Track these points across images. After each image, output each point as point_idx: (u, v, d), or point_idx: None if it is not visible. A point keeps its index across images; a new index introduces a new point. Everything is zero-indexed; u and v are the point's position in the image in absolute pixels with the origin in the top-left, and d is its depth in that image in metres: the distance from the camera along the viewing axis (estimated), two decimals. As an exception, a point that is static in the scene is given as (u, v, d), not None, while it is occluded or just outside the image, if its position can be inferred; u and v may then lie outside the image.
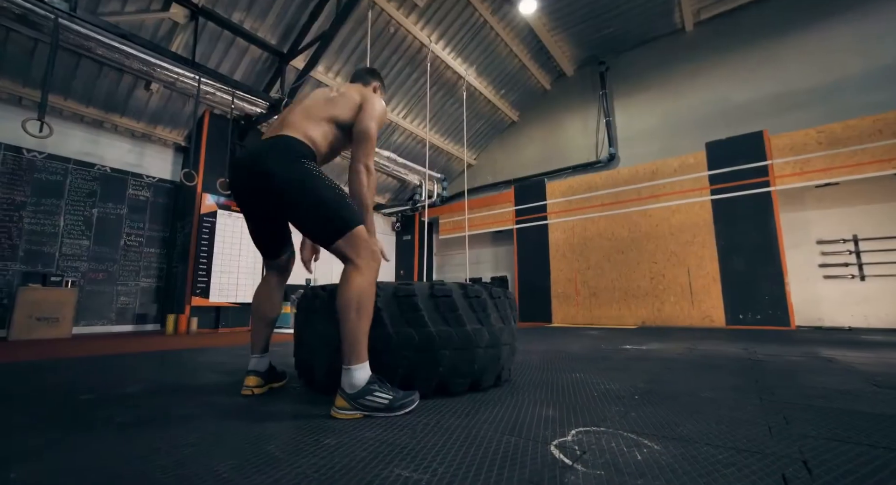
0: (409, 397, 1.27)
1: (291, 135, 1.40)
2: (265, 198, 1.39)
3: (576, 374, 1.95)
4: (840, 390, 1.53)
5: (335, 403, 1.22)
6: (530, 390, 1.59)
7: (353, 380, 1.21)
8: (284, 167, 1.32)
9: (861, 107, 5.91)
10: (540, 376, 1.92)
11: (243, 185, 1.44)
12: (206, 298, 5.90)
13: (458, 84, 8.23)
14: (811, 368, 2.11)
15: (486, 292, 1.60)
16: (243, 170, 1.42)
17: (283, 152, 1.35)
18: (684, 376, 1.90)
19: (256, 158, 1.37)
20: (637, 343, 3.61)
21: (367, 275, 1.30)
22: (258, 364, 1.58)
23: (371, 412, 1.21)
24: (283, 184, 1.31)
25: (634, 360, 2.50)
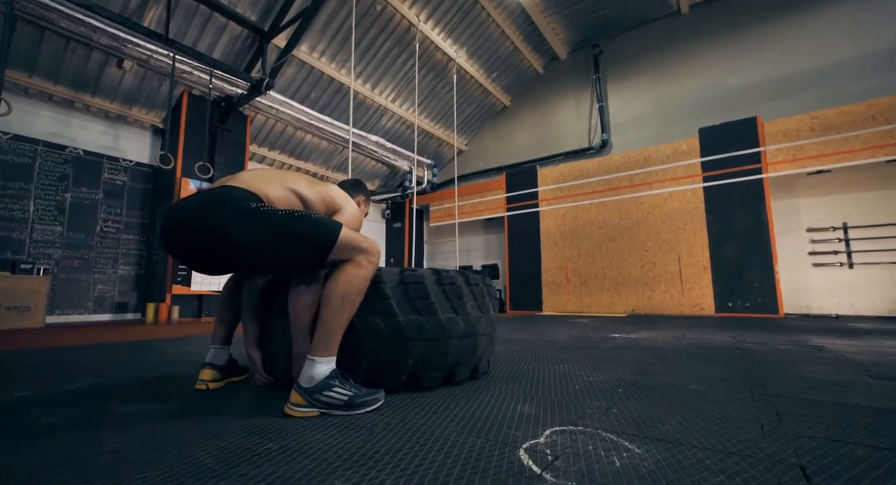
0: (372, 394, 1.15)
1: (238, 185, 1.16)
2: (212, 254, 1.13)
3: (560, 365, 1.86)
4: (832, 381, 1.46)
5: (290, 398, 1.10)
6: (508, 383, 1.49)
7: (312, 372, 1.09)
8: (235, 221, 1.08)
9: (855, 93, 5.83)
10: (521, 367, 1.83)
11: (181, 241, 1.14)
12: (188, 287, 5.74)
13: (449, 66, 7.99)
14: (801, 357, 2.05)
15: (462, 279, 1.48)
16: (181, 224, 1.13)
17: (227, 204, 1.10)
18: (672, 366, 1.82)
19: (197, 213, 1.11)
20: (626, 332, 3.54)
21: (365, 269, 1.18)
22: (216, 356, 1.45)
23: (328, 410, 1.09)
24: (240, 239, 1.08)
25: (622, 349, 2.42)
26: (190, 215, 1.12)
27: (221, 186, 1.16)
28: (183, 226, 1.12)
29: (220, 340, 1.48)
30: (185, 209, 1.13)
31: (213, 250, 1.11)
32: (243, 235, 1.08)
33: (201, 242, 1.11)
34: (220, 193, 1.12)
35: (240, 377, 1.57)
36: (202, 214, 1.09)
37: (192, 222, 1.11)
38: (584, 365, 1.85)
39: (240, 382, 1.55)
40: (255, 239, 1.09)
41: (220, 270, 1.22)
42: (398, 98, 8.22)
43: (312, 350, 1.12)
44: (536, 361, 1.99)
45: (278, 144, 7.84)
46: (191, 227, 1.11)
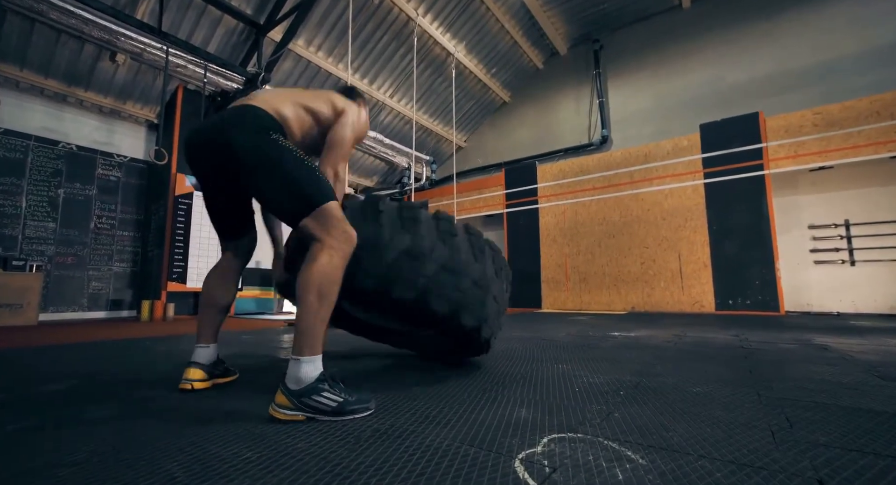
0: (362, 402, 1.08)
1: (257, 106, 1.23)
2: (224, 171, 1.22)
3: (559, 365, 1.81)
4: (842, 383, 1.40)
5: (275, 399, 1.05)
6: (505, 384, 1.44)
7: (299, 374, 1.04)
8: (247, 138, 1.16)
9: (858, 88, 5.76)
10: (519, 367, 1.77)
11: (200, 156, 1.26)
12: (184, 284, 5.69)
13: (447, 61, 7.91)
14: (806, 357, 1.99)
15: (487, 243, 1.52)
16: (200, 140, 1.24)
17: (246, 122, 1.18)
18: (674, 366, 1.76)
19: (215, 128, 1.20)
20: (626, 330, 3.49)
21: (337, 257, 1.11)
22: (203, 355, 1.39)
23: (315, 414, 1.03)
24: (245, 156, 1.15)
25: (622, 348, 2.37)
26: (209, 130, 1.21)
27: (245, 105, 1.22)
28: (202, 137, 1.23)
29: (206, 338, 1.43)
30: (206, 126, 1.23)
31: (222, 161, 1.19)
32: (247, 150, 1.14)
33: (215, 154, 1.20)
34: (238, 111, 1.20)
35: (227, 379, 1.50)
36: (220, 130, 1.18)
37: (210, 136, 1.20)
38: (583, 365, 1.80)
39: (226, 383, 1.49)
40: (254, 160, 1.14)
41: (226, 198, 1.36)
42: (396, 93, 8.14)
43: (297, 350, 1.06)
44: (535, 360, 1.93)
45: (275, 139, 7.75)
46: (209, 141, 1.20)
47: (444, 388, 1.39)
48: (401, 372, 1.69)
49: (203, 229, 5.99)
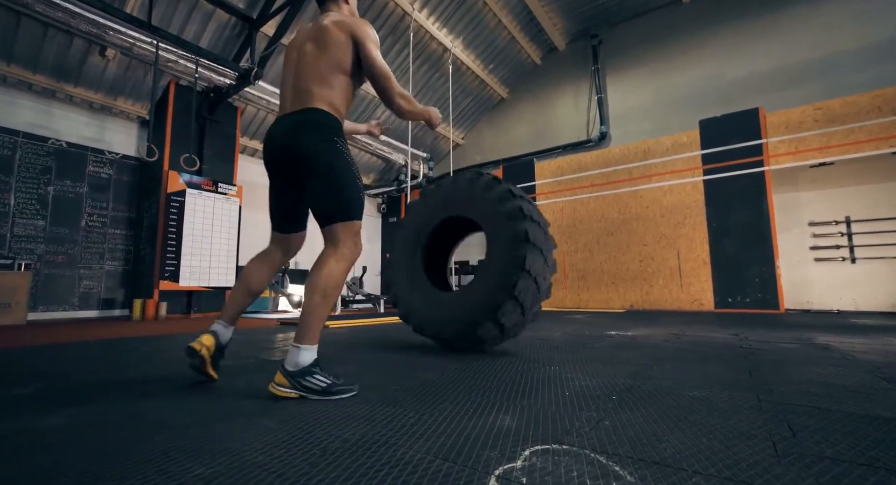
0: (347, 385, 1.28)
1: (320, 107, 1.40)
2: (293, 171, 1.42)
3: (551, 367, 1.74)
4: (846, 386, 1.33)
5: (275, 378, 1.24)
6: (491, 388, 1.37)
7: (297, 359, 1.23)
8: (318, 146, 1.36)
9: (859, 83, 5.68)
10: (509, 369, 1.70)
11: (274, 157, 1.46)
12: (176, 282, 5.61)
13: (444, 57, 7.81)
14: (808, 357, 1.93)
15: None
16: (277, 142, 1.43)
17: (316, 130, 1.38)
18: (671, 367, 1.70)
19: (290, 134, 1.39)
20: (623, 329, 3.43)
21: (344, 264, 1.34)
22: (221, 331, 1.47)
23: (307, 393, 1.22)
24: (314, 161, 1.36)
25: (618, 348, 2.30)
26: (284, 135, 1.41)
27: (307, 109, 1.39)
28: (277, 140, 1.42)
29: (228, 318, 1.50)
30: (281, 131, 1.42)
31: (292, 162, 1.39)
32: (316, 156, 1.35)
33: (287, 156, 1.40)
34: (307, 117, 1.39)
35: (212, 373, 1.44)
36: (293, 136, 1.38)
37: (285, 141, 1.40)
38: (576, 366, 1.73)
39: (206, 378, 1.43)
40: (320, 166, 1.35)
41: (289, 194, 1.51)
42: (393, 89, 8.03)
43: (298, 339, 1.26)
44: (527, 361, 1.87)
45: (270, 136, 7.67)
46: (283, 145, 1.40)
47: (426, 392, 1.32)
48: (384, 375, 1.62)
49: (196, 228, 5.91)
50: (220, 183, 6.26)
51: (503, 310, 1.86)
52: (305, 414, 1.07)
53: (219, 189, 6.22)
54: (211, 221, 6.11)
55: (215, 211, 6.17)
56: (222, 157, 6.43)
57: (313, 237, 1.72)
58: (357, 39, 1.43)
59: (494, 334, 1.98)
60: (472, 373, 1.62)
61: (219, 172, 6.33)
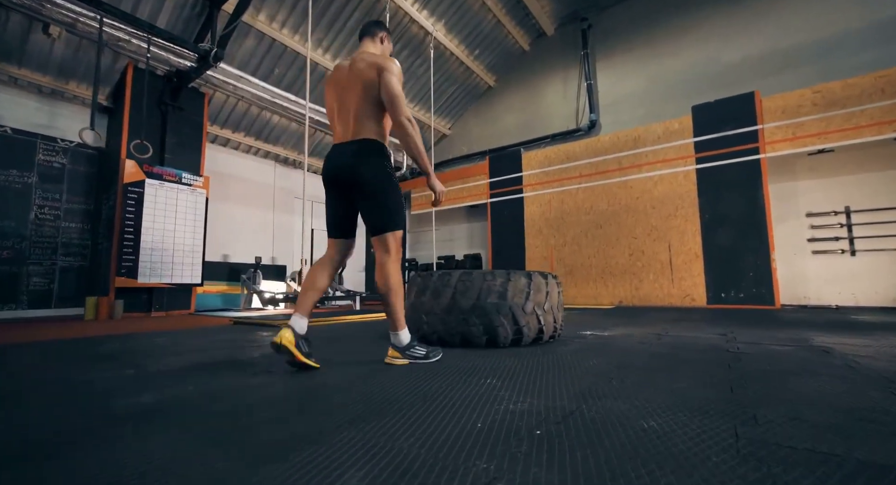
0: (435, 350, 1.82)
1: (371, 138, 1.73)
2: (350, 188, 1.74)
3: (486, 380, 1.41)
4: (853, 411, 1.01)
5: (388, 353, 1.74)
6: (388, 411, 1.04)
7: (400, 339, 1.74)
8: (372, 169, 1.70)
9: (861, 64, 5.35)
10: (431, 383, 1.38)
11: (335, 177, 1.76)
12: (134, 279, 5.27)
13: (426, 42, 7.43)
14: (805, 364, 1.61)
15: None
16: (336, 165, 1.75)
17: (370, 156, 1.71)
18: (636, 380, 1.37)
19: (349, 159, 1.72)
20: (601, 328, 3.11)
21: (398, 264, 1.75)
22: (298, 323, 1.65)
23: (414, 360, 1.72)
24: (369, 181, 1.70)
25: (584, 353, 1.98)
26: (342, 159, 1.73)
27: (362, 140, 1.72)
28: (337, 164, 1.75)
29: (304, 310, 1.71)
30: (340, 156, 1.74)
31: (350, 182, 1.72)
32: (371, 178, 1.70)
33: (345, 177, 1.72)
34: (362, 146, 1.72)
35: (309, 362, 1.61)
36: (352, 161, 1.71)
37: (344, 164, 1.72)
38: (520, 379, 1.41)
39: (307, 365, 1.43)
40: (374, 185, 1.70)
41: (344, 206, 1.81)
42: (372, 76, 7.64)
43: (393, 327, 1.75)
44: (460, 372, 1.54)
45: (242, 125, 7.30)
46: (343, 167, 1.73)
47: (314, 405, 0.99)
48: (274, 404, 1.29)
49: (157, 221, 5.56)
50: (185, 173, 5.90)
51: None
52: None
53: (182, 180, 5.86)
54: (174, 214, 5.76)
55: (179, 203, 5.81)
56: (187, 146, 6.07)
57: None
58: (380, 71, 1.73)
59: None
60: (393, 382, 1.30)
61: (183, 162, 5.97)
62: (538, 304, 2.22)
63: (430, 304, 2.26)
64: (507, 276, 2.19)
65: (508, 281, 2.17)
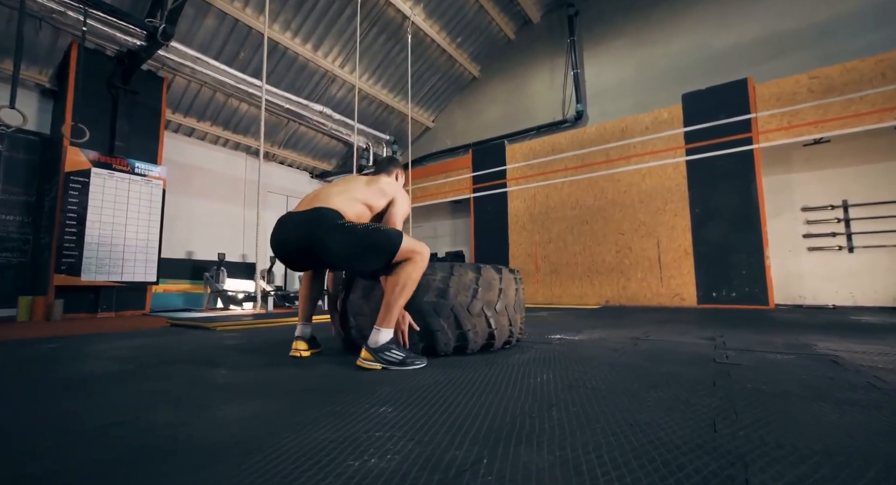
0: (418, 358, 1.57)
1: (327, 207, 1.65)
2: (314, 257, 1.65)
3: (380, 408, 1.03)
4: (883, 457, 0.64)
5: (361, 354, 1.53)
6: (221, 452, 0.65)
7: (378, 338, 1.53)
8: (332, 237, 1.58)
9: (861, 48, 5.02)
10: (300, 414, 0.99)
11: (291, 252, 1.67)
12: (77, 276, 4.83)
13: (404, 27, 7.04)
14: (812, 381, 1.24)
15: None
16: (293, 244, 1.64)
17: (324, 222, 1.60)
18: (585, 410, 1.00)
19: (300, 229, 1.62)
20: (575, 331, 2.74)
21: (419, 266, 1.62)
22: (303, 331, 1.83)
23: (387, 365, 1.50)
24: (335, 251, 1.58)
25: (539, 364, 1.60)
26: (295, 231, 1.64)
27: (314, 208, 1.65)
28: (289, 238, 1.65)
29: (304, 318, 1.86)
30: (291, 225, 1.66)
31: (314, 255, 1.62)
32: (335, 244, 1.58)
33: (304, 249, 1.62)
34: (315, 214, 1.63)
35: (317, 350, 1.87)
36: (304, 230, 1.61)
37: (297, 235, 1.63)
38: (422, 408, 1.02)
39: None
40: (343, 247, 1.58)
41: (317, 267, 1.87)
42: (347, 62, 7.25)
43: (378, 322, 1.56)
44: (350, 392, 1.16)
45: (208, 113, 6.87)
46: (296, 238, 1.63)
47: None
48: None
49: (106, 213, 5.13)
50: (139, 163, 5.47)
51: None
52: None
53: (136, 170, 5.43)
54: (125, 207, 5.32)
55: (131, 195, 5.38)
56: (143, 133, 5.64)
57: None
58: (395, 202, 1.84)
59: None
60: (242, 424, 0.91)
61: (137, 151, 5.54)
62: (488, 303, 1.83)
63: (359, 303, 1.87)
64: (449, 269, 1.81)
65: (451, 276, 1.79)
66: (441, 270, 1.79)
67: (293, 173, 8.81)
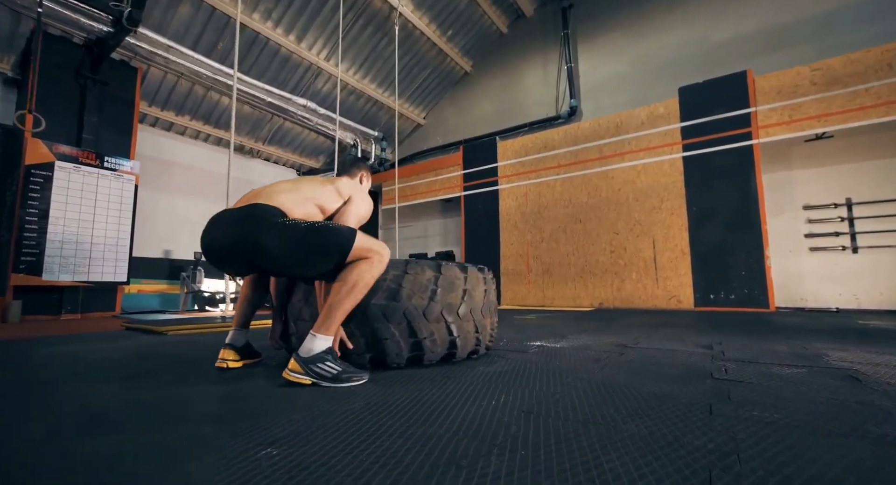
0: (357, 373, 1.31)
1: (264, 203, 1.37)
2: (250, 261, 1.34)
3: (264, 449, 0.77)
4: None
5: (288, 364, 1.27)
6: None
7: (311, 346, 1.27)
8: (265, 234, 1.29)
9: (865, 39, 4.79)
10: (146, 465, 0.73)
11: (223, 255, 1.38)
12: (38, 276, 4.56)
13: (392, 19, 6.79)
14: (830, 406, 0.99)
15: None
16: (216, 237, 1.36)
17: (259, 219, 1.32)
18: (536, 454, 0.74)
19: (232, 228, 1.34)
20: (559, 336, 2.48)
21: (375, 267, 1.35)
22: (235, 338, 1.58)
23: (319, 380, 1.24)
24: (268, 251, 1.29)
25: (504, 380, 1.35)
26: (227, 229, 1.35)
27: (251, 204, 1.37)
28: (222, 238, 1.35)
29: (239, 323, 1.62)
30: (222, 223, 1.37)
31: (248, 258, 1.32)
32: (273, 245, 1.28)
33: (237, 252, 1.33)
34: (250, 210, 1.35)
35: (254, 360, 1.64)
36: (237, 228, 1.32)
37: (229, 235, 1.33)
38: (312, 449, 0.77)
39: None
40: (283, 249, 1.29)
41: (255, 272, 1.56)
42: (333, 55, 6.99)
43: (316, 327, 1.30)
44: (232, 423, 0.90)
45: (187, 107, 6.60)
46: (228, 239, 1.33)
47: None
48: None
49: (71, 209, 4.86)
50: (108, 157, 5.20)
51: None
52: None
53: (105, 164, 5.16)
54: (93, 202, 5.05)
55: (100, 190, 5.11)
56: (114, 126, 5.37)
57: None
58: (351, 201, 1.57)
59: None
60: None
61: (107, 144, 5.27)
62: (449, 307, 1.57)
63: (300, 307, 1.62)
64: (403, 267, 1.55)
65: (405, 274, 1.53)
66: (394, 268, 1.54)
67: (279, 170, 8.55)
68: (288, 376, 1.26)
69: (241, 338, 1.60)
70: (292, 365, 1.26)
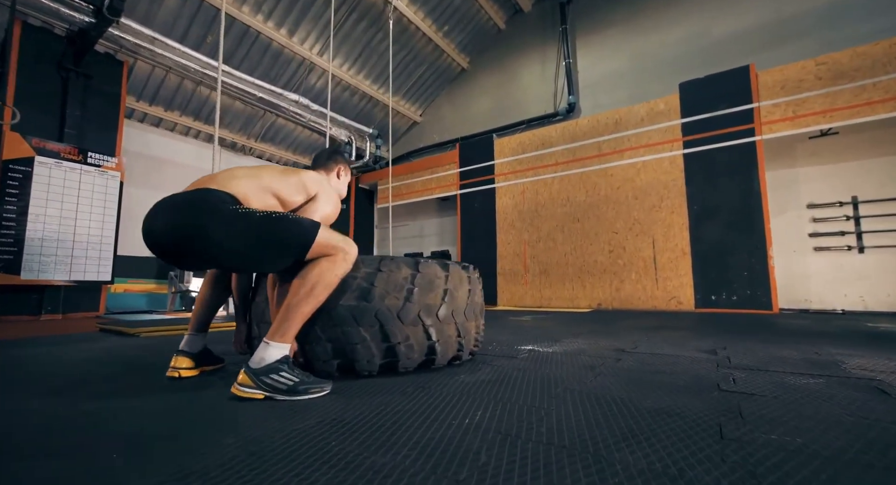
0: (318, 383, 1.16)
1: (217, 188, 1.21)
2: (198, 255, 1.17)
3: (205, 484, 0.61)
4: None
5: (238, 378, 1.12)
6: None
7: (264, 355, 1.13)
8: (214, 223, 1.13)
9: (872, 32, 4.65)
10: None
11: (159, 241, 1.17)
12: (16, 275, 4.40)
13: (386, 13, 6.64)
14: (860, 425, 0.84)
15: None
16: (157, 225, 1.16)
17: (208, 205, 1.15)
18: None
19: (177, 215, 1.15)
20: (553, 340, 2.33)
21: (339, 266, 1.22)
22: (190, 343, 1.43)
23: (273, 393, 1.10)
24: (215, 241, 1.13)
25: (484, 391, 1.20)
26: (169, 216, 1.15)
27: (200, 189, 1.20)
28: (163, 226, 1.15)
29: (195, 327, 1.47)
30: (165, 209, 1.17)
31: (194, 249, 1.14)
32: (222, 235, 1.12)
33: (180, 241, 1.14)
34: (198, 195, 1.18)
35: (213, 367, 1.50)
36: (182, 214, 1.14)
37: (171, 222, 1.14)
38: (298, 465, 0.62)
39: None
40: (233, 239, 1.14)
41: (203, 266, 1.29)
42: (326, 50, 6.84)
43: (269, 334, 1.16)
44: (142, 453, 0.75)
45: (176, 103, 6.45)
46: (170, 226, 1.14)
47: None
48: None
49: (52, 206, 4.70)
50: (92, 152, 5.04)
51: None
52: None
53: (88, 160, 5.01)
54: (76, 199, 4.89)
55: (83, 187, 4.95)
56: (98, 121, 5.21)
57: None
58: (318, 198, 1.40)
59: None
60: None
61: (91, 140, 5.11)
62: (427, 309, 1.42)
63: (264, 308, 1.47)
64: (376, 264, 1.40)
65: (378, 272, 1.38)
66: (366, 265, 1.38)
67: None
68: (237, 390, 1.11)
69: (197, 343, 1.46)
70: (242, 378, 1.11)
